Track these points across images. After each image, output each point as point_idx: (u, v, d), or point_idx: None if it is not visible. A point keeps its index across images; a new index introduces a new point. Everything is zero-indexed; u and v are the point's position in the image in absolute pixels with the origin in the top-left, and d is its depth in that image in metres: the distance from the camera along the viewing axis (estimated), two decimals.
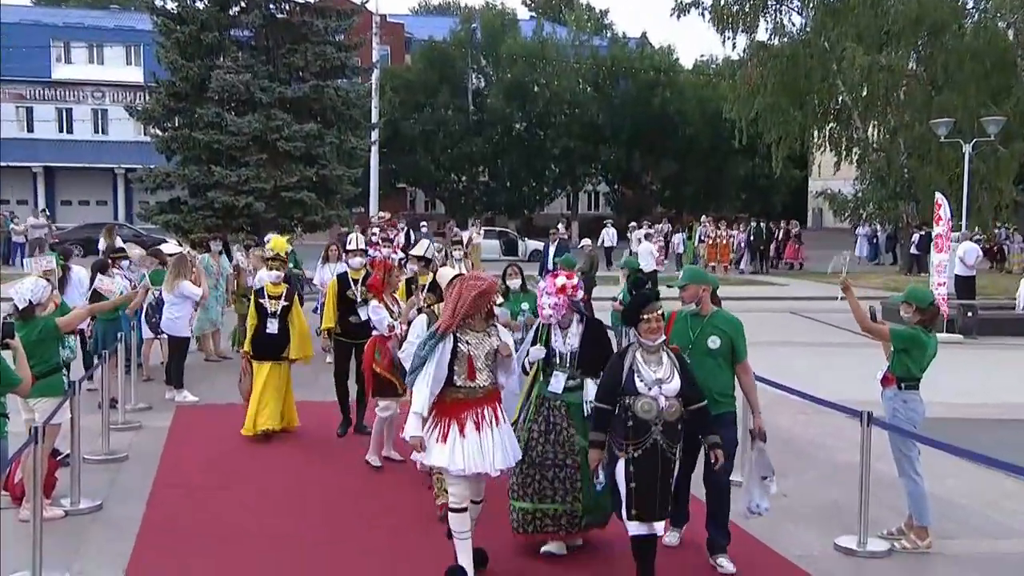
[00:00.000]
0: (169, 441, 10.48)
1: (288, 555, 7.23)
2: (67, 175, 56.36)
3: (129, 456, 9.84)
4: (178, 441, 10.48)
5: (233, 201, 25.27)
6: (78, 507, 8.19)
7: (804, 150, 41.58)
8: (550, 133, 54.90)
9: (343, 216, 28.48)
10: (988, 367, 16.00)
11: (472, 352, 6.37)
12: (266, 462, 9.72)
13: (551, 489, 6.92)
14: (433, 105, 53.71)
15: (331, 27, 27.74)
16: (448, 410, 6.37)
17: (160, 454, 9.96)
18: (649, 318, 6.22)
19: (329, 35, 27.85)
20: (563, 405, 7.03)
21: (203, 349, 15.49)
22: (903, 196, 35.73)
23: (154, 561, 7.10)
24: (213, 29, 26.99)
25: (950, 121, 29.49)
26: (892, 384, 7.50)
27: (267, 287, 10.53)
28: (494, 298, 6.72)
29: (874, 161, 36.60)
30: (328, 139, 26.37)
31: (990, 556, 7.49)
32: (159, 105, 27.58)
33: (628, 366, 6.23)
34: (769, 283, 31.67)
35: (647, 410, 6.07)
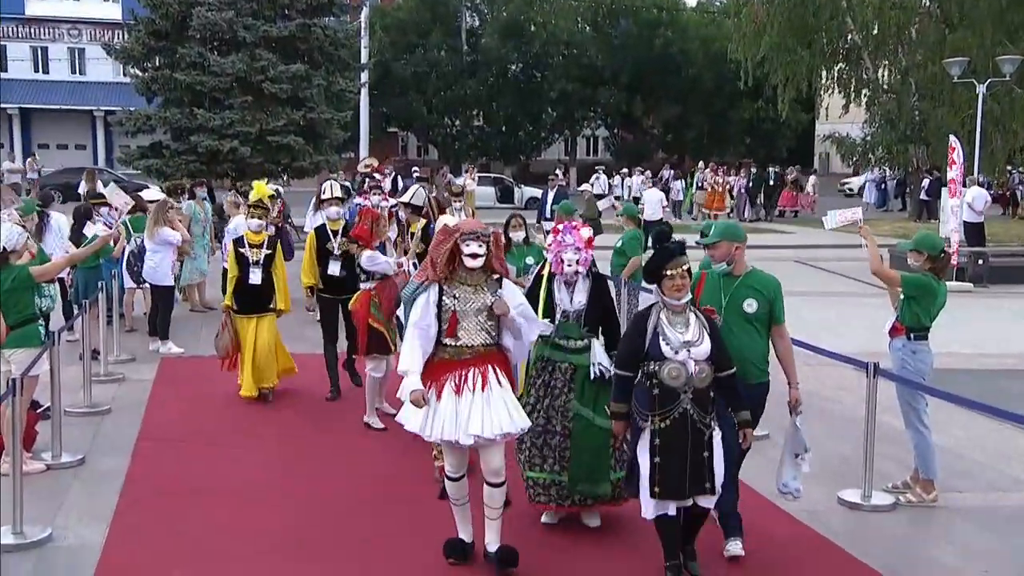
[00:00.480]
0: (153, 394, 10.49)
1: (274, 510, 7.25)
2: (43, 117, 55.85)
3: (112, 409, 9.85)
4: (162, 394, 10.49)
5: (217, 145, 25.06)
6: (60, 461, 8.21)
7: (811, 92, 41.20)
8: (547, 75, 54.54)
9: (332, 161, 28.28)
10: (999, 316, 16.04)
11: (458, 308, 5.98)
12: (253, 415, 9.75)
13: (539, 456, 6.71)
14: (425, 45, 53.23)
15: None
16: (433, 372, 6.03)
17: (144, 407, 9.97)
18: (674, 274, 5.69)
19: None
20: (569, 368, 6.73)
21: (188, 299, 15.48)
22: (913, 139, 35.52)
23: (138, 516, 7.11)
24: None
25: (964, 60, 29.19)
26: (901, 334, 7.49)
27: (248, 235, 10.20)
28: (490, 250, 6.08)
29: (884, 103, 36.30)
30: (315, 81, 26.11)
31: (998, 510, 7.53)
32: (138, 44, 27.21)
33: (652, 328, 5.77)
34: (773, 231, 31.61)
35: (675, 376, 5.63)
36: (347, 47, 28.52)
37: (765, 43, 35.11)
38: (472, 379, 5.95)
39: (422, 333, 5.99)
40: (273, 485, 7.78)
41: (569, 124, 57.61)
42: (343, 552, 6.54)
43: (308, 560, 6.39)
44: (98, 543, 6.63)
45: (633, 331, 5.93)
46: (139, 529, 6.88)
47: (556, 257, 6.70)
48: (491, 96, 54.44)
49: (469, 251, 5.95)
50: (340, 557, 6.46)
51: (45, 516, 7.04)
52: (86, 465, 8.22)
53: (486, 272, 6.10)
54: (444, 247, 6.01)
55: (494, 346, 6.10)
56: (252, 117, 25.29)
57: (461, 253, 5.98)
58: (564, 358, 6.73)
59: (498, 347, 6.13)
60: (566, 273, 6.68)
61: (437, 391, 5.94)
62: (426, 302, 6.01)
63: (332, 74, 27.16)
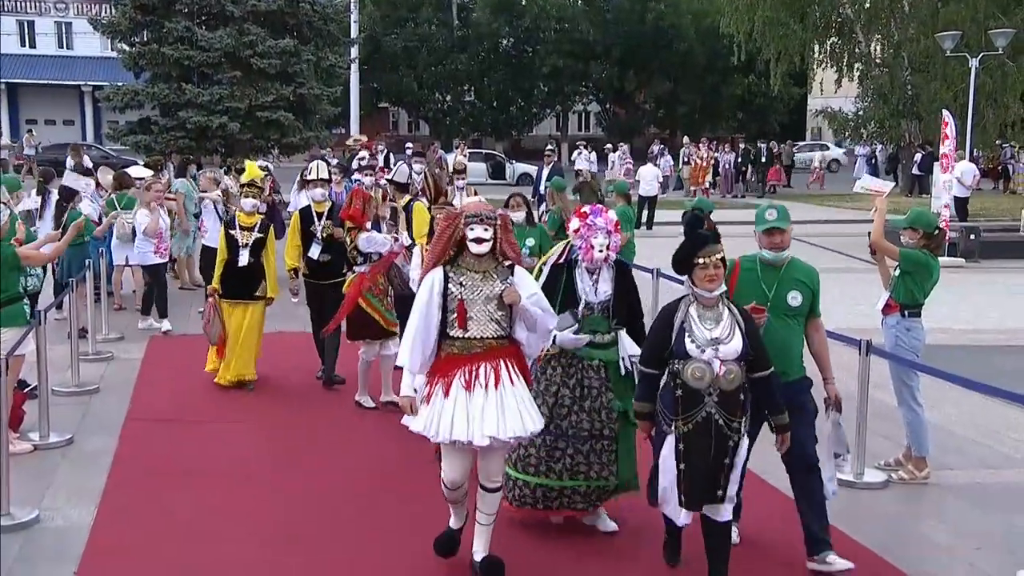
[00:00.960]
0: (142, 373, 10.44)
1: (264, 491, 7.21)
2: (31, 92, 55.60)
3: (100, 388, 9.80)
4: (151, 373, 10.43)
5: (206, 121, 24.85)
6: (47, 441, 8.16)
7: (804, 66, 40.97)
8: (539, 50, 54.33)
9: (322, 137, 28.13)
10: (991, 292, 16.04)
11: (465, 296, 5.51)
12: (243, 395, 9.67)
13: (586, 464, 6.20)
14: (416, 19, 52.97)
15: None
16: (440, 367, 5.59)
17: (133, 386, 9.92)
18: (707, 263, 5.19)
19: None
20: (601, 365, 6.25)
21: (178, 277, 15.39)
22: (906, 114, 35.44)
23: (126, 497, 7.06)
24: None
25: (957, 34, 29.13)
26: (895, 312, 7.44)
27: (240, 217, 9.76)
28: (497, 234, 5.63)
29: (876, 77, 36.22)
30: (305, 56, 25.86)
31: (990, 487, 7.53)
32: (125, 18, 26.86)
33: (679, 323, 5.31)
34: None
35: (698, 376, 5.17)
36: (336, 21, 28.30)
37: (757, 17, 35.00)
38: (484, 375, 5.50)
39: (426, 324, 5.54)
40: (263, 465, 7.74)
41: (561, 99, 57.43)
42: (332, 535, 6.48)
43: (297, 541, 6.34)
44: (86, 524, 6.58)
45: (659, 325, 5.47)
46: (128, 510, 6.83)
47: (586, 242, 6.14)
48: (482, 71, 54.24)
49: (474, 235, 5.53)
50: (329, 540, 6.41)
51: (33, 497, 7.00)
52: (74, 445, 8.17)
53: (495, 258, 5.66)
54: (447, 232, 5.62)
55: (506, 339, 5.64)
56: (241, 92, 25.08)
57: (465, 238, 5.56)
58: (593, 354, 6.26)
59: (510, 340, 5.67)
60: (595, 260, 6.15)
61: (445, 387, 5.50)
62: (430, 290, 5.56)
63: (321, 49, 26.90)
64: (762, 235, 5.86)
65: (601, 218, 6.15)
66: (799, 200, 33.56)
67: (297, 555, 6.14)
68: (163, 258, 12.62)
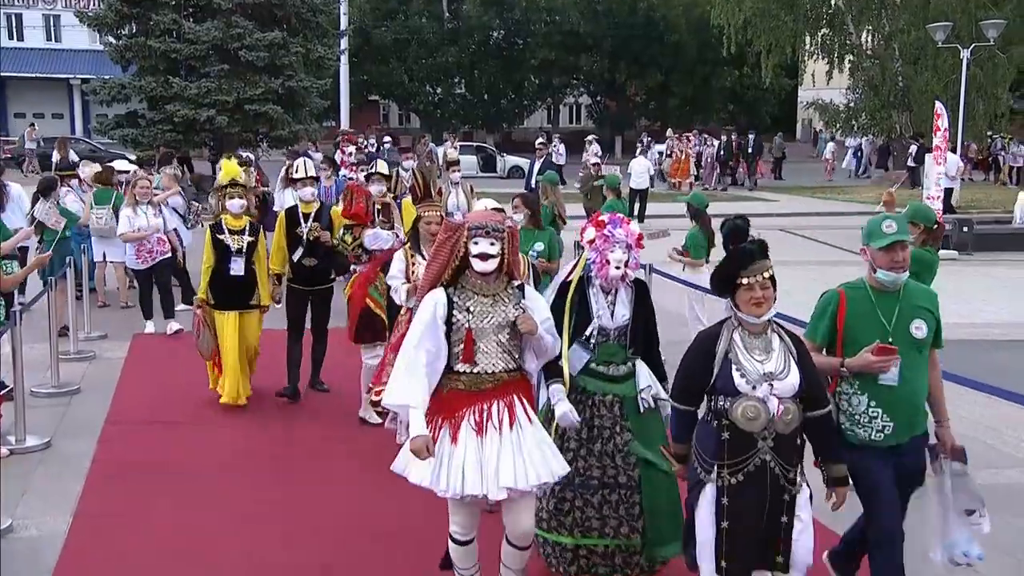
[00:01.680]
0: (124, 373, 10.17)
1: (245, 497, 6.95)
2: (19, 85, 54.94)
3: (81, 388, 9.52)
4: (134, 372, 10.17)
5: (194, 114, 24.63)
6: (24, 445, 7.90)
7: (795, 58, 40.99)
8: (529, 42, 53.93)
9: (311, 131, 27.86)
10: (986, 285, 15.84)
11: (473, 325, 4.66)
12: None
13: (598, 518, 5.22)
14: (406, 12, 52.63)
15: None
16: (443, 406, 4.72)
17: (114, 386, 9.65)
18: (752, 283, 4.31)
19: None
20: (615, 401, 5.31)
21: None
22: (897, 105, 35.43)
23: (104, 503, 6.81)
24: None
25: (948, 25, 29.09)
26: None
27: (227, 220, 8.81)
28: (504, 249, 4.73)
29: (867, 69, 36.18)
30: (293, 48, 25.63)
31: (991, 486, 7.27)
32: (111, 11, 26.64)
33: (722, 353, 4.41)
34: (758, 199, 31.35)
35: (751, 417, 4.29)
36: (325, 13, 28.03)
37: (748, 8, 34.95)
38: (498, 415, 4.67)
39: (427, 359, 4.65)
40: (246, 471, 7.45)
41: (551, 92, 57.09)
42: (316, 542, 6.24)
43: (281, 546, 6.09)
44: (61, 533, 6.33)
45: (697, 355, 4.52)
46: (104, 518, 6.56)
47: (601, 256, 5.23)
48: (473, 64, 53.88)
49: (478, 250, 4.66)
50: (313, 546, 6.16)
51: (7, 505, 6.72)
52: (52, 449, 7.92)
53: (502, 277, 4.81)
54: (447, 246, 4.76)
55: (517, 371, 4.83)
56: (229, 85, 24.85)
57: (468, 253, 4.68)
58: (606, 388, 5.32)
59: (521, 372, 4.86)
60: (610, 278, 5.24)
61: (452, 431, 4.66)
62: (432, 319, 4.67)
63: (310, 41, 26.66)
64: (878, 252, 4.77)
65: (621, 229, 5.23)
66: (789, 192, 33.38)
67: (280, 560, 5.90)
68: (146, 264, 11.71)
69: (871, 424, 4.75)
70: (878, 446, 4.77)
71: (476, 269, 4.70)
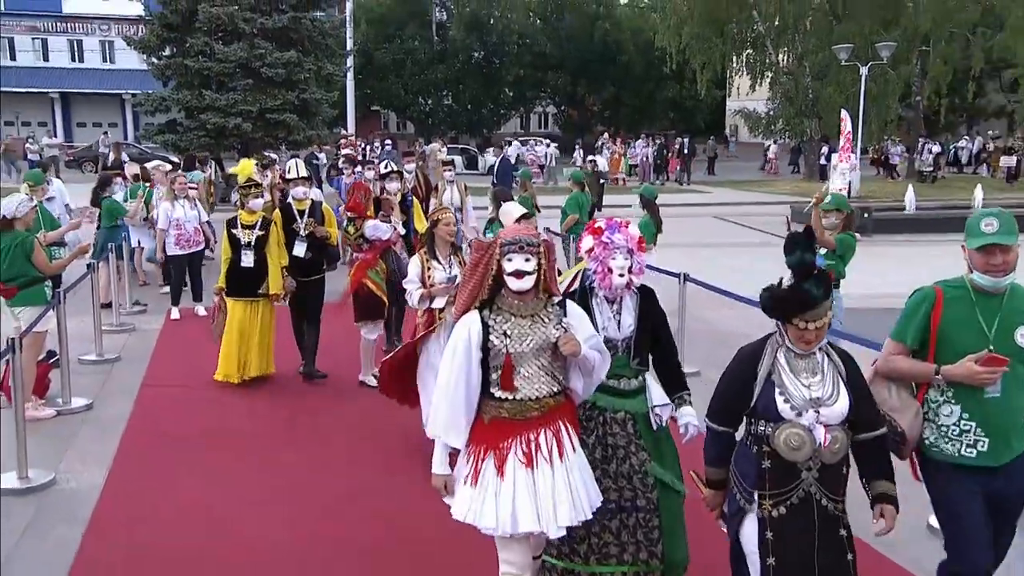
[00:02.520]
0: (159, 343, 9.74)
1: (267, 457, 6.54)
2: (80, 100, 54.05)
3: (121, 357, 9.11)
4: (168, 343, 9.76)
5: (223, 122, 24.03)
6: (69, 407, 7.49)
7: (724, 74, 40.77)
8: (505, 62, 53.33)
9: (323, 135, 27.38)
10: (886, 263, 15.55)
11: (512, 349, 3.59)
12: None
13: (616, 544, 4.09)
14: (401, 36, 51.84)
15: None
16: (486, 437, 3.66)
17: (150, 355, 9.22)
18: (808, 328, 3.28)
19: None
20: (627, 418, 4.21)
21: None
22: (807, 113, 35.27)
23: (137, 459, 6.43)
24: None
25: (849, 47, 29.10)
26: None
27: (241, 216, 8.16)
28: (541, 265, 3.68)
29: (783, 83, 36.02)
30: (307, 66, 25.00)
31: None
32: (153, 35, 25.99)
33: (764, 373, 3.41)
34: (694, 191, 31.08)
35: (795, 447, 3.31)
36: (334, 37, 27.35)
37: (686, 33, 34.69)
38: (547, 446, 3.66)
39: (467, 389, 3.64)
40: (269, 433, 7.02)
41: (523, 102, 56.49)
42: (335, 506, 5.69)
43: (300, 509, 5.63)
44: (98, 487, 5.94)
45: (737, 375, 3.50)
46: (137, 473, 6.19)
47: (602, 265, 4.16)
48: (458, 79, 53.18)
49: (513, 267, 3.62)
50: (332, 511, 5.61)
51: (52, 460, 6.35)
52: (94, 411, 7.51)
53: (541, 295, 3.73)
54: (481, 265, 3.71)
55: (561, 394, 3.75)
56: (253, 97, 24.22)
57: (502, 271, 3.66)
58: (617, 404, 4.22)
59: (565, 395, 3.79)
60: (614, 287, 4.15)
61: (498, 463, 3.62)
62: (466, 343, 3.63)
63: (321, 60, 26.01)
64: (974, 252, 3.59)
65: (619, 234, 4.17)
66: (720, 186, 33.12)
67: (299, 524, 5.46)
68: (184, 249, 10.99)
69: (961, 439, 3.61)
70: (968, 465, 3.60)
71: (511, 288, 3.65)
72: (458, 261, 6.30)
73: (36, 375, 7.43)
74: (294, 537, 5.22)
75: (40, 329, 7.15)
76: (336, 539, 5.22)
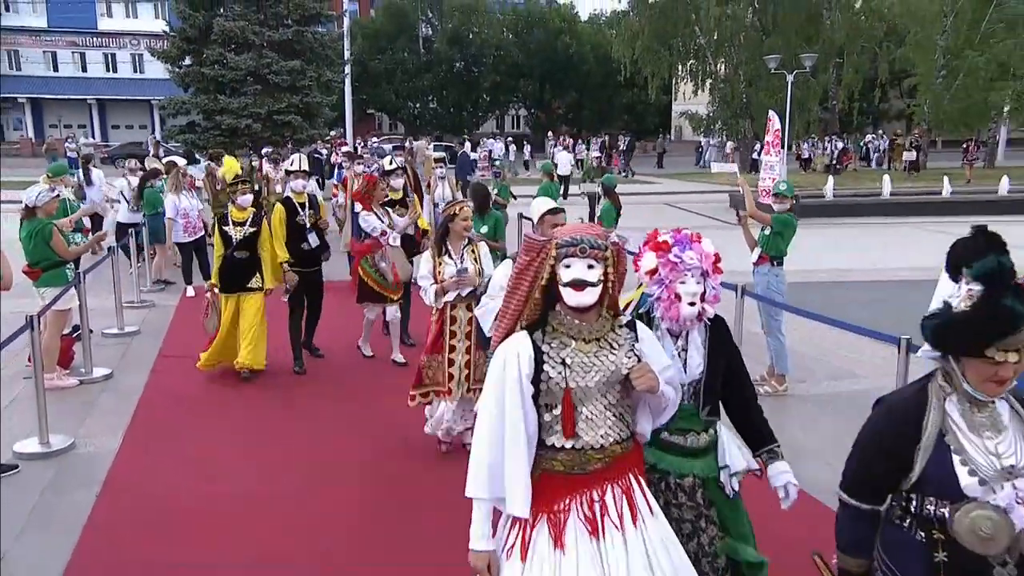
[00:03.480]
0: (175, 317, 9.27)
1: (273, 423, 6.16)
2: (115, 105, 53.03)
3: (140, 331, 8.64)
4: (183, 318, 9.26)
5: (236, 123, 23.31)
6: (91, 376, 7.05)
7: (671, 81, 40.36)
8: (482, 70, 52.65)
9: (323, 134, 26.81)
10: (812, 243, 15.29)
11: (573, 383, 2.35)
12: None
13: None
14: (393, 49, 50.99)
15: None
16: (537, 496, 2.38)
17: (167, 329, 8.76)
18: (1006, 360, 2.02)
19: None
20: (695, 484, 2.86)
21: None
22: (742, 115, 34.97)
23: (150, 425, 6.01)
24: None
25: (777, 57, 28.75)
26: (765, 262, 6.59)
27: (232, 212, 6.98)
28: (608, 275, 2.40)
29: (721, 89, 35.59)
30: (309, 73, 24.26)
31: (834, 396, 6.76)
32: (175, 48, 25.14)
33: (933, 431, 2.12)
34: (643, 182, 30.73)
35: (987, 536, 2.02)
36: (333, 48, 26.55)
37: (638, 46, 34.25)
38: (615, 508, 2.39)
39: (514, 434, 2.34)
40: (276, 400, 6.57)
41: (498, 106, 55.83)
42: (338, 475, 5.21)
43: (302, 476, 5.17)
44: (114, 451, 5.53)
45: (890, 436, 2.19)
46: (150, 437, 5.77)
47: (668, 290, 2.79)
48: (442, 86, 52.45)
49: (571, 276, 2.36)
50: (333, 480, 5.13)
51: (72, 426, 5.93)
52: (113, 379, 7.07)
53: (606, 313, 2.45)
54: (530, 271, 2.42)
55: (630, 440, 2.47)
56: (261, 101, 23.50)
57: (557, 280, 2.38)
58: (684, 467, 2.87)
59: (633, 441, 2.50)
60: (684, 318, 2.77)
61: (554, 532, 2.35)
62: (516, 376, 2.34)
63: (321, 68, 25.24)
64: None
65: (691, 250, 2.80)
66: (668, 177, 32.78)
67: (311, 485, 5.07)
68: (191, 236, 10.44)
69: None
70: None
71: (569, 303, 2.37)
72: (472, 257, 5.27)
73: (61, 348, 7.00)
74: (305, 497, 4.83)
75: (63, 307, 6.70)
76: (348, 495, 4.85)
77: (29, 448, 5.48)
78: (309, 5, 24.31)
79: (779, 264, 6.51)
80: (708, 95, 37.23)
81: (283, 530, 4.42)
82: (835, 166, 35.37)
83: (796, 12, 32.33)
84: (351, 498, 4.82)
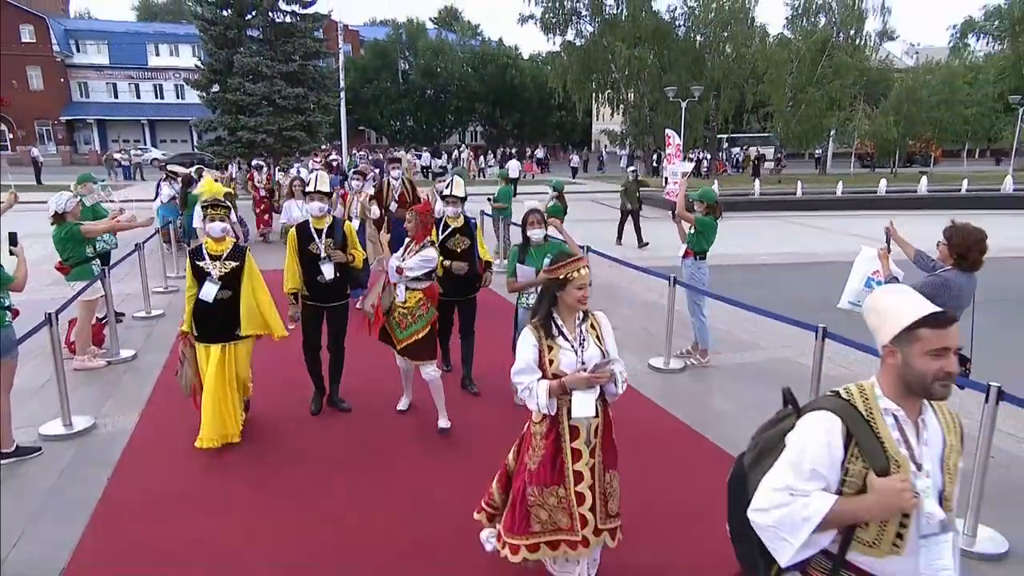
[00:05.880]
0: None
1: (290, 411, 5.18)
2: (162, 125, 50.65)
3: (166, 314, 7.59)
4: None
5: (253, 137, 22.01)
6: (118, 357, 6.06)
7: (592, 106, 39.61)
8: (448, 96, 51.09)
9: (323, 148, 25.40)
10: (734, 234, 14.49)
11: None
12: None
13: None
14: (378, 79, 49.18)
15: (310, 28, 23.63)
16: None
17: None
18: None
19: (309, 34, 23.59)
20: None
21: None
22: (647, 132, 34.68)
23: (165, 405, 5.08)
24: (235, 28, 23.19)
25: (673, 88, 28.46)
26: (690, 256, 5.92)
27: (207, 244, 4.33)
28: None
29: (631, 112, 35.19)
30: (311, 98, 22.95)
31: (741, 364, 6.17)
32: (204, 78, 23.81)
33: None
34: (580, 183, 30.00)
35: None
36: (330, 78, 25.26)
37: (568, 79, 33.73)
38: None
39: None
40: (289, 378, 5.35)
41: (460, 123, 54.39)
42: (352, 459, 4.12)
43: (318, 463, 4.17)
44: (130, 430, 4.62)
45: None
46: (162, 418, 4.85)
47: None
48: (417, 109, 50.79)
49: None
50: (347, 465, 4.05)
51: (96, 406, 4.99)
52: (138, 360, 6.07)
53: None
54: None
55: None
56: (273, 120, 22.15)
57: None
58: None
59: None
60: None
61: None
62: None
63: (321, 94, 23.95)
64: None
65: None
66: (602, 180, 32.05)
67: (320, 469, 4.17)
68: None
69: None
70: None
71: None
72: (594, 335, 2.77)
73: (92, 332, 6.01)
74: (312, 483, 3.99)
75: (90, 297, 5.71)
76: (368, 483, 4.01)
77: (53, 430, 4.56)
78: (311, 44, 23.20)
79: (702, 258, 5.86)
80: (621, 116, 36.80)
81: (294, 521, 3.63)
82: (706, 172, 35.27)
83: (686, 55, 32.87)
84: (364, 478, 4.03)
